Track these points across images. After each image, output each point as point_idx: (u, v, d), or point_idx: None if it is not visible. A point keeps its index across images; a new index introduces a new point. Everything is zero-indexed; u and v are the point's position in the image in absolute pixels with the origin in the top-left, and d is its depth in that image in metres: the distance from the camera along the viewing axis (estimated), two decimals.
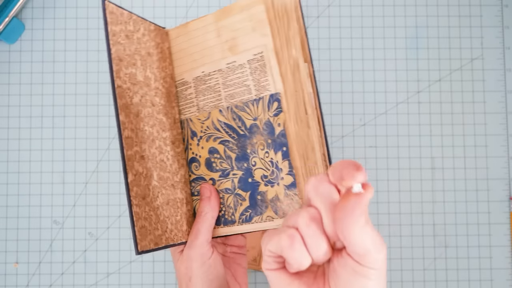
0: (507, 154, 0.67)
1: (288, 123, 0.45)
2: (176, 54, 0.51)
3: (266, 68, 0.46)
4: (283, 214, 0.46)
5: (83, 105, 0.67)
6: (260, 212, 0.47)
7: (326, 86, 0.67)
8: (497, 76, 0.67)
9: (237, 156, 0.48)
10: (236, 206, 0.48)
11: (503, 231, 0.66)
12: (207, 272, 0.47)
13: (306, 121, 0.46)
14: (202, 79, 0.50)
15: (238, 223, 0.48)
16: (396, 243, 0.66)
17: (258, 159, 0.47)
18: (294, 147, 0.45)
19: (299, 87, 0.46)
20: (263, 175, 0.47)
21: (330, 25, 0.68)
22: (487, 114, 0.67)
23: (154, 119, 0.49)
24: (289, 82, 0.46)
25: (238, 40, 0.47)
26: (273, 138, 0.46)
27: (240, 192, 0.48)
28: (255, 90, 0.47)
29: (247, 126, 0.47)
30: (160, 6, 0.68)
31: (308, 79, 0.46)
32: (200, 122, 0.50)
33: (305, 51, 0.47)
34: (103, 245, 0.66)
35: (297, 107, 0.46)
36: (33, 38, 0.68)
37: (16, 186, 0.67)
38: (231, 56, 0.47)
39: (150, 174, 0.47)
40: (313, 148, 0.45)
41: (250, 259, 0.61)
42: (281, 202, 0.46)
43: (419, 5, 0.68)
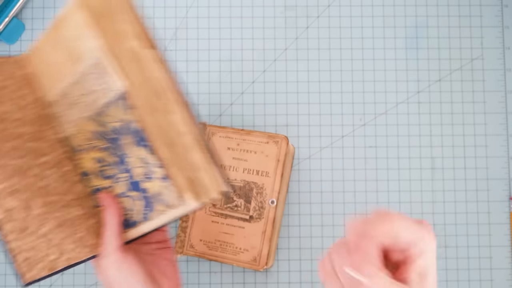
0: (507, 154, 0.67)
1: (143, 117, 0.46)
2: (41, 75, 0.51)
3: (107, 69, 0.46)
4: (169, 205, 0.47)
5: None
6: (152, 208, 0.48)
7: (326, 86, 0.67)
8: (497, 76, 0.67)
9: (118, 160, 0.49)
10: (134, 207, 0.49)
11: (503, 231, 0.66)
12: (127, 277, 0.48)
13: (164, 107, 0.45)
14: (65, 94, 0.50)
15: (141, 223, 0.49)
16: None
17: (133, 159, 0.48)
18: (156, 138, 0.46)
19: (147, 76, 0.45)
20: (142, 173, 0.48)
21: (330, 25, 0.68)
22: (487, 114, 0.67)
23: (24, 149, 0.49)
24: (134, 76, 0.45)
25: (75, 50, 0.48)
26: (134, 136, 0.47)
27: (132, 194, 0.49)
28: (105, 93, 0.47)
29: (114, 129, 0.48)
30: (160, 6, 0.68)
31: (157, 64, 0.45)
32: (80, 135, 0.50)
33: (147, 38, 0.46)
34: None
35: (149, 98, 0.45)
36: (33, 38, 0.68)
37: None
38: (76, 68, 0.48)
39: (29, 205, 0.47)
40: (178, 132, 0.45)
41: (250, 259, 0.61)
42: (163, 194, 0.47)
43: (419, 5, 0.68)
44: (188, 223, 0.63)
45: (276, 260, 0.66)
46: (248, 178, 0.62)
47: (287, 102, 0.67)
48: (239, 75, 0.68)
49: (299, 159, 0.67)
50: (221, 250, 0.62)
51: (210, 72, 0.68)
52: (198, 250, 0.63)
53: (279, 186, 0.61)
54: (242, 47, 0.68)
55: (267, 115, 0.67)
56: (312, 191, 0.66)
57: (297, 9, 0.68)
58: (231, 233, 0.62)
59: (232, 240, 0.62)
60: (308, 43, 0.68)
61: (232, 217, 0.62)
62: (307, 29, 0.68)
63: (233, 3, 0.68)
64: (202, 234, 0.63)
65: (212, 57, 0.68)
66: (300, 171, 0.67)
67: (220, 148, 0.63)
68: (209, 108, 0.67)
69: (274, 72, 0.68)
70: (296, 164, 0.67)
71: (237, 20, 0.68)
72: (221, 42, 0.68)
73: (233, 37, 0.68)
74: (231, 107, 0.67)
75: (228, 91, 0.68)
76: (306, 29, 0.68)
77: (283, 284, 0.65)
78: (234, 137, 0.63)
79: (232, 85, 0.68)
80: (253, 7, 0.68)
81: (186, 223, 0.63)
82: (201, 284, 0.66)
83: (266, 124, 0.67)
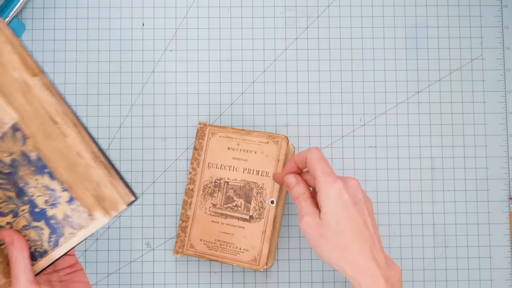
0: (507, 154, 0.67)
1: (39, 145, 0.47)
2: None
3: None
4: (80, 225, 0.48)
5: (83, 105, 0.67)
6: (62, 233, 0.49)
7: (326, 86, 0.67)
8: (497, 76, 0.67)
9: (16, 193, 0.50)
10: (41, 236, 0.50)
11: (503, 231, 0.66)
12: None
13: (59, 132, 0.47)
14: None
15: (50, 251, 0.50)
16: (396, 243, 0.66)
17: (33, 189, 0.49)
18: (56, 163, 0.47)
19: (37, 104, 0.46)
20: (45, 201, 0.49)
21: (330, 25, 0.68)
22: (487, 114, 0.67)
23: None
24: (23, 106, 0.46)
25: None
26: (33, 165, 0.48)
27: (36, 224, 0.50)
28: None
29: (8, 163, 0.49)
30: (160, 7, 0.68)
31: (45, 90, 0.46)
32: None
33: (30, 65, 0.46)
34: (103, 245, 0.66)
35: (42, 125, 0.47)
36: (34, 38, 0.68)
37: None
38: None
39: None
40: (78, 152, 0.47)
41: (250, 259, 0.61)
42: (71, 217, 0.48)
43: (418, 5, 0.68)
44: (188, 223, 0.63)
45: (276, 260, 0.66)
46: (248, 178, 0.62)
47: (287, 102, 0.67)
48: (239, 75, 0.68)
49: None
50: (221, 250, 0.62)
51: (210, 72, 0.68)
52: (198, 250, 0.63)
53: (279, 186, 0.61)
54: (242, 47, 0.68)
55: (267, 115, 0.67)
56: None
57: (297, 9, 0.68)
58: (231, 233, 0.62)
59: (232, 240, 0.62)
60: (308, 43, 0.68)
61: (232, 217, 0.62)
62: (307, 29, 0.68)
63: (233, 3, 0.68)
64: (202, 234, 0.63)
65: (212, 57, 0.68)
66: None
67: (220, 148, 0.63)
68: (209, 108, 0.67)
69: (274, 72, 0.68)
70: None
71: (237, 20, 0.68)
72: (221, 42, 0.68)
73: (233, 37, 0.68)
74: (231, 107, 0.68)
75: (228, 91, 0.68)
76: (306, 29, 0.68)
77: (283, 284, 0.66)
78: (234, 137, 0.63)
79: (232, 85, 0.68)
80: (253, 7, 0.68)
81: (186, 223, 0.63)
82: (201, 284, 0.66)
83: (266, 124, 0.67)
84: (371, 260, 0.49)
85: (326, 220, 0.50)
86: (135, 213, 0.66)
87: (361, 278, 0.49)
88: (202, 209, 0.63)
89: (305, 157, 0.53)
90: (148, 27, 0.68)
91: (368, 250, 0.50)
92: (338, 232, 0.50)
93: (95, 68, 0.68)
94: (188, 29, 0.68)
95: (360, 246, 0.50)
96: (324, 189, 0.50)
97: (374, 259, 0.50)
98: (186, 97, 0.68)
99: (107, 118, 0.67)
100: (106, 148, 0.67)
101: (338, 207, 0.50)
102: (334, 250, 0.50)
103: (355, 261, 0.50)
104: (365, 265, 0.49)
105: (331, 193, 0.50)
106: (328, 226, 0.50)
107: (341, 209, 0.50)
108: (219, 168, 0.63)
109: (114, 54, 0.68)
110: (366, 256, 0.49)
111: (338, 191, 0.50)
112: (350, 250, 0.50)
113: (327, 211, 0.50)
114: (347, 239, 0.50)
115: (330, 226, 0.50)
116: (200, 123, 0.65)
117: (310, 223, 0.51)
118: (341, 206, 0.50)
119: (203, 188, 0.63)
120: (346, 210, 0.50)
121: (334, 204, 0.50)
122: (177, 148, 0.67)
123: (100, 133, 0.67)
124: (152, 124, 0.67)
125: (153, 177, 0.67)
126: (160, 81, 0.68)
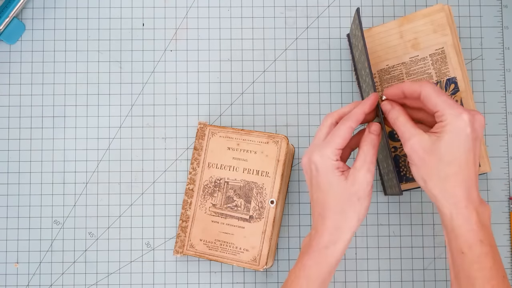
0: (507, 154, 0.67)
1: (464, 99, 0.61)
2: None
3: (447, 59, 0.61)
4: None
5: (83, 105, 0.68)
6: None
7: (326, 86, 0.67)
8: (497, 76, 0.67)
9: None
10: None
11: (502, 231, 0.66)
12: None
13: (472, 98, 0.62)
14: (386, 70, 0.63)
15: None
16: (396, 243, 0.66)
17: None
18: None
19: (465, 73, 0.62)
20: None
21: (330, 26, 0.68)
22: (487, 114, 0.67)
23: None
24: (463, 69, 0.61)
25: (420, 39, 0.62)
26: None
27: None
28: (436, 76, 0.61)
29: None
30: (161, 7, 0.69)
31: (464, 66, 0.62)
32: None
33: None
34: (103, 245, 0.66)
35: (468, 88, 0.61)
36: (34, 38, 0.68)
37: (17, 186, 0.67)
38: (413, 52, 0.62)
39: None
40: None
41: (250, 259, 0.61)
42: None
43: (418, 5, 0.68)
44: (188, 223, 0.63)
45: (276, 260, 0.66)
46: (248, 178, 0.62)
47: (287, 102, 0.67)
48: (239, 75, 0.68)
49: (299, 159, 0.67)
50: (221, 250, 0.62)
51: (210, 72, 0.68)
52: (198, 250, 0.63)
53: (279, 186, 0.62)
54: (242, 48, 0.68)
55: (267, 115, 0.67)
56: None
57: (297, 9, 0.68)
58: (231, 233, 0.62)
59: (232, 240, 0.62)
60: (308, 43, 0.68)
61: (232, 217, 0.62)
62: (307, 29, 0.68)
63: (233, 3, 0.68)
64: (202, 234, 0.63)
65: (212, 58, 0.68)
66: (300, 171, 0.67)
67: (220, 148, 0.63)
68: (209, 108, 0.67)
69: (274, 73, 0.68)
70: (296, 164, 0.67)
71: (237, 21, 0.68)
72: (221, 43, 0.68)
73: (233, 38, 0.68)
74: (231, 107, 0.68)
75: (228, 91, 0.68)
76: (306, 29, 0.68)
77: None
78: (234, 137, 0.63)
79: (232, 85, 0.68)
80: (253, 7, 0.68)
81: (186, 223, 0.63)
82: (201, 284, 0.66)
83: (266, 124, 0.67)
84: (468, 194, 0.50)
85: (439, 147, 0.50)
86: (135, 213, 0.66)
87: (454, 208, 0.50)
88: (202, 209, 0.63)
89: (417, 92, 0.52)
90: (148, 27, 0.68)
91: (468, 185, 0.50)
92: (446, 161, 0.50)
93: (95, 68, 0.68)
94: (188, 29, 0.68)
95: (463, 180, 0.50)
96: (450, 120, 0.50)
97: (471, 194, 0.50)
98: (186, 97, 0.68)
99: (107, 118, 0.67)
100: (106, 148, 0.67)
101: (457, 138, 0.50)
102: (433, 177, 0.51)
103: (453, 192, 0.50)
104: (462, 197, 0.50)
105: (457, 124, 0.49)
106: (437, 153, 0.50)
107: (460, 141, 0.50)
108: (219, 168, 0.63)
109: (114, 54, 0.68)
110: (464, 190, 0.50)
111: (464, 123, 0.49)
112: (451, 181, 0.50)
113: (445, 138, 0.50)
114: (452, 170, 0.50)
115: (440, 154, 0.50)
116: (200, 123, 0.65)
117: (414, 147, 0.51)
118: (462, 138, 0.50)
119: (203, 188, 0.63)
120: (464, 144, 0.50)
121: (455, 134, 0.50)
122: (177, 148, 0.67)
123: (100, 133, 0.67)
124: (152, 124, 0.67)
125: (153, 177, 0.67)
126: (160, 81, 0.68)
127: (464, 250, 0.50)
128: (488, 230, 0.50)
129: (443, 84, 0.62)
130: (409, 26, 0.62)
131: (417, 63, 0.62)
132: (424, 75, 0.62)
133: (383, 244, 0.66)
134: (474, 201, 0.50)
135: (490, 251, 0.49)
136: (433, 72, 0.62)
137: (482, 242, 0.49)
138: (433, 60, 0.62)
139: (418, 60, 0.62)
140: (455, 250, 0.50)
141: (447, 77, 0.62)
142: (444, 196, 0.50)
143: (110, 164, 0.67)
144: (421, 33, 0.62)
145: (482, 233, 0.50)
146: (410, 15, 0.62)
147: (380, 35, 0.63)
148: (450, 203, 0.50)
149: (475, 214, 0.50)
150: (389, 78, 0.63)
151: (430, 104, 0.51)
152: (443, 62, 0.62)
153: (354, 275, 0.66)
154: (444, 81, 0.62)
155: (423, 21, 0.62)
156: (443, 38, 0.61)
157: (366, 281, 0.65)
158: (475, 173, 0.51)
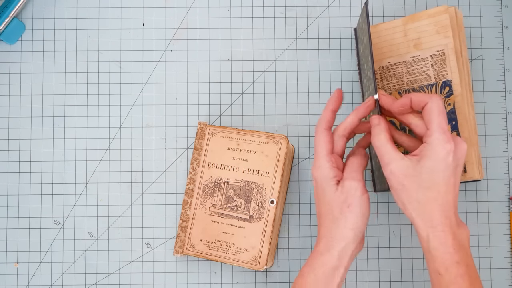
0: (507, 154, 0.67)
1: (459, 103, 0.61)
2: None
3: (446, 62, 0.61)
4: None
5: (83, 105, 0.68)
6: None
7: (326, 86, 0.67)
8: (497, 76, 0.67)
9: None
10: None
11: (502, 231, 0.66)
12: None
13: (471, 102, 0.62)
14: (388, 68, 0.63)
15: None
16: (396, 243, 0.66)
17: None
18: (462, 122, 0.60)
19: (466, 77, 0.62)
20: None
21: (330, 26, 0.68)
22: (487, 114, 0.67)
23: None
24: (462, 74, 0.61)
25: (422, 39, 0.62)
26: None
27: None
28: (434, 77, 0.61)
29: None
30: (161, 7, 0.69)
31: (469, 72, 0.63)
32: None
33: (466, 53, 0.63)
34: (103, 245, 0.66)
35: (465, 93, 0.61)
36: (34, 38, 0.68)
37: (17, 186, 0.67)
38: (415, 51, 0.62)
39: None
40: (473, 126, 0.62)
41: (250, 259, 0.61)
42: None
43: (418, 5, 0.68)
44: (188, 223, 0.63)
45: (276, 260, 0.66)
46: (248, 178, 0.62)
47: (287, 102, 0.67)
48: (239, 75, 0.68)
49: (299, 159, 0.67)
50: (221, 250, 0.62)
51: (210, 72, 0.68)
52: (198, 250, 0.63)
53: (279, 186, 0.62)
54: (242, 48, 0.68)
55: (267, 115, 0.67)
56: (312, 191, 0.66)
57: (297, 9, 0.68)
58: (231, 233, 0.62)
59: (232, 240, 0.62)
60: (308, 43, 0.68)
61: (232, 217, 0.62)
62: (307, 29, 0.68)
63: (233, 3, 0.69)
64: (202, 234, 0.63)
65: (212, 58, 0.68)
66: (300, 171, 0.67)
67: (220, 148, 0.63)
68: (209, 108, 0.67)
69: (274, 73, 0.68)
70: (296, 164, 0.67)
71: (237, 20, 0.68)
72: (221, 43, 0.68)
73: (233, 38, 0.68)
74: (231, 107, 0.68)
75: (228, 91, 0.68)
76: (306, 29, 0.68)
77: (283, 284, 0.66)
78: (234, 137, 0.63)
79: (232, 85, 0.68)
80: (253, 7, 0.68)
81: (186, 223, 0.63)
82: (201, 284, 0.66)
83: (266, 124, 0.67)
84: (445, 218, 0.51)
85: (419, 173, 0.51)
86: (135, 213, 0.66)
87: (431, 232, 0.51)
88: (202, 209, 0.63)
89: (424, 102, 0.53)
90: (148, 27, 0.68)
91: (446, 209, 0.51)
92: (425, 187, 0.51)
93: (95, 68, 0.68)
94: (188, 29, 0.68)
95: (441, 204, 0.51)
96: (434, 146, 0.50)
97: (448, 218, 0.51)
98: (186, 97, 0.68)
99: (107, 118, 0.67)
100: (106, 148, 0.67)
101: (438, 167, 0.51)
102: (412, 202, 0.51)
103: (431, 215, 0.51)
104: (439, 221, 0.51)
105: (440, 152, 0.50)
106: (417, 179, 0.51)
107: (441, 169, 0.51)
108: (219, 168, 0.63)
109: (114, 54, 0.68)
110: (442, 214, 0.51)
111: (447, 153, 0.50)
112: (429, 205, 0.51)
113: (426, 164, 0.51)
114: (431, 195, 0.51)
115: (420, 179, 0.51)
116: (200, 123, 0.65)
117: (394, 172, 0.51)
118: (443, 167, 0.50)
119: (203, 188, 0.63)
120: (444, 171, 0.51)
121: (437, 162, 0.50)
122: (177, 148, 0.67)
123: (100, 133, 0.67)
124: (152, 124, 0.67)
125: (153, 177, 0.67)
126: (160, 81, 0.68)
127: (441, 272, 0.50)
128: (466, 251, 0.51)
129: (438, 86, 0.61)
130: (414, 25, 0.62)
131: (418, 63, 0.62)
132: (423, 76, 0.62)
133: (383, 244, 0.66)
134: (452, 224, 0.51)
135: (467, 272, 0.50)
136: (432, 73, 0.62)
137: (459, 263, 0.50)
138: (433, 61, 0.61)
139: (418, 60, 0.62)
140: (433, 271, 0.51)
141: (444, 79, 0.61)
142: (422, 219, 0.51)
143: (110, 164, 0.67)
144: (424, 33, 0.62)
145: (458, 255, 0.50)
146: (416, 14, 0.62)
147: (385, 32, 0.64)
148: (427, 226, 0.51)
149: (451, 237, 0.50)
150: (389, 76, 0.63)
151: (426, 117, 0.52)
152: (442, 64, 0.61)
153: (354, 275, 0.66)
154: (439, 83, 0.61)
155: (427, 21, 0.62)
156: (445, 40, 0.61)
157: (366, 281, 0.66)
158: (453, 198, 0.51)
